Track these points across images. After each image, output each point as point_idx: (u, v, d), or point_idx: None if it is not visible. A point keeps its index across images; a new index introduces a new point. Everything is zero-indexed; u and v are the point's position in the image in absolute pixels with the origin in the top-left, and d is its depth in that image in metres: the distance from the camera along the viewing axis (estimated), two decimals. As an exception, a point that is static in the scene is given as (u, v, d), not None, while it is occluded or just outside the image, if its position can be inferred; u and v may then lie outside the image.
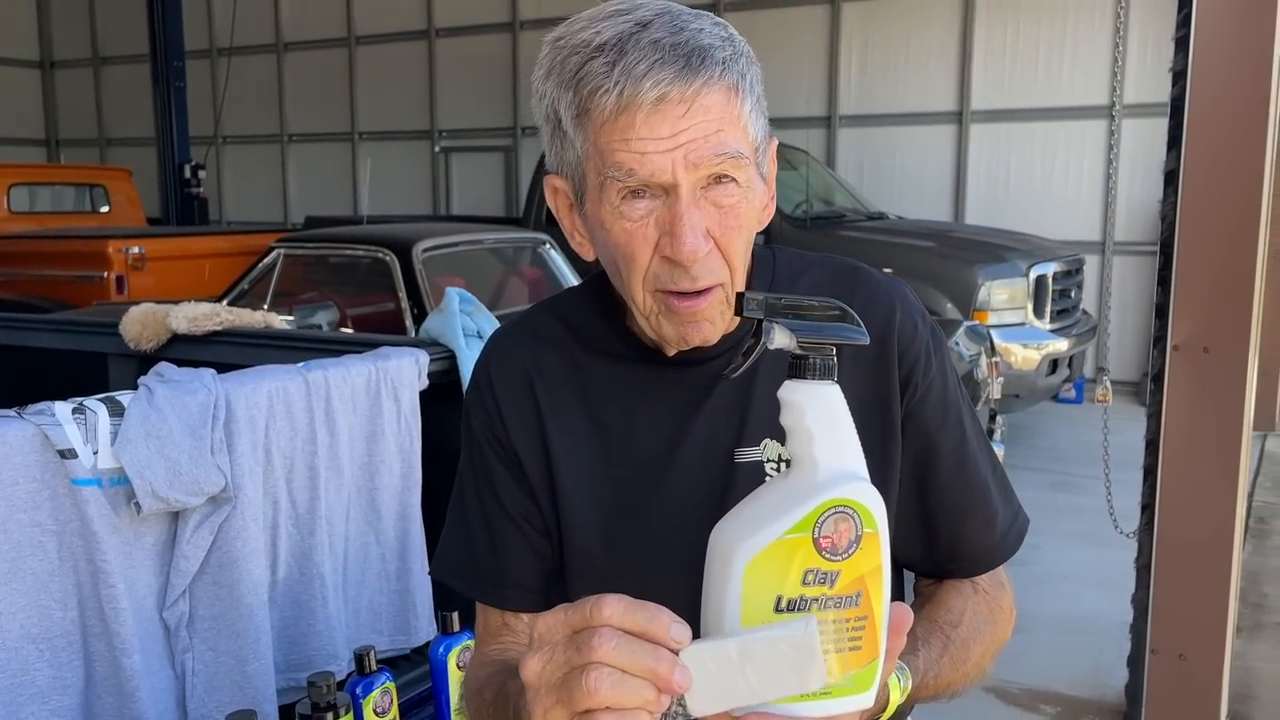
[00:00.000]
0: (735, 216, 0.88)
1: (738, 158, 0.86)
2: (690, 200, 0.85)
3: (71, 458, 1.31)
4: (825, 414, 0.74)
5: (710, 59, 0.84)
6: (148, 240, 7.56)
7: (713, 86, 0.84)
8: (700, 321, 0.91)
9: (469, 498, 1.05)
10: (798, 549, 0.69)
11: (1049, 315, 6.28)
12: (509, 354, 1.04)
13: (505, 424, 1.01)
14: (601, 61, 0.83)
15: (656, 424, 0.97)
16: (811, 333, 0.75)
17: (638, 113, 0.83)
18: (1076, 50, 8.46)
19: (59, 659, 1.33)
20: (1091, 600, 4.01)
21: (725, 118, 0.85)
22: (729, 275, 0.90)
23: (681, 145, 0.84)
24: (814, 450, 0.73)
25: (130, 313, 2.45)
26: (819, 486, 0.71)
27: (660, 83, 0.82)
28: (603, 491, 0.98)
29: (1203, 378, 2.76)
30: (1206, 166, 2.70)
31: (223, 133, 12.24)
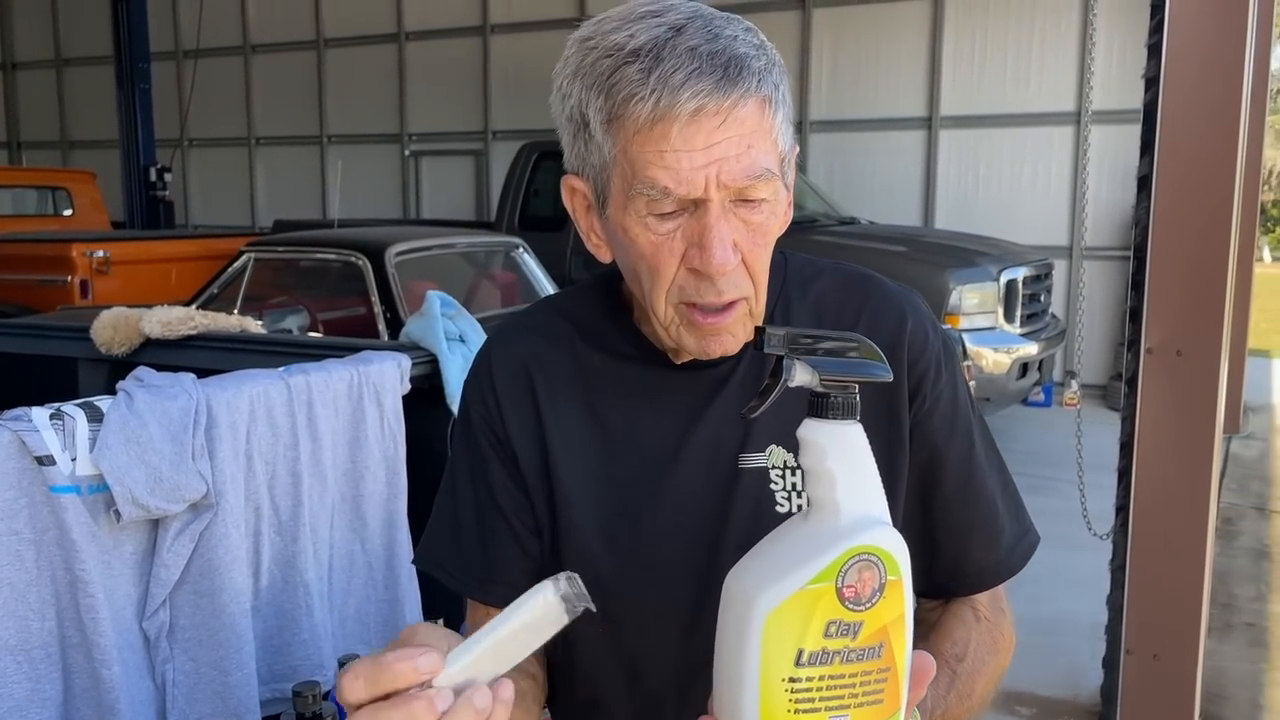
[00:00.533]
0: (763, 234, 0.87)
1: (767, 176, 0.84)
2: (720, 213, 0.84)
3: (49, 464, 1.28)
4: (848, 455, 0.70)
5: (747, 70, 0.82)
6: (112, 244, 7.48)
7: (749, 99, 0.82)
8: (723, 335, 0.90)
9: (460, 489, 1.03)
10: (820, 599, 0.67)
11: (1019, 319, 6.34)
12: (511, 348, 1.03)
13: (503, 418, 1.00)
14: (637, 68, 0.81)
15: (660, 426, 0.96)
16: (835, 370, 0.72)
17: (674, 124, 0.81)
18: (1044, 57, 8.56)
19: (37, 671, 1.30)
20: (1064, 601, 4.04)
21: (758, 131, 0.84)
22: (753, 290, 0.89)
23: (715, 160, 0.82)
24: (836, 494, 0.70)
25: (102, 317, 2.41)
26: (842, 533, 0.68)
27: (699, 94, 0.80)
28: (603, 493, 0.97)
29: (1176, 381, 2.79)
30: (1179, 172, 2.73)
31: (189, 135, 12.10)
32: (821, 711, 0.68)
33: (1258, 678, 3.65)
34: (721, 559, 0.93)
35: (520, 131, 10.23)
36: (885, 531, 0.69)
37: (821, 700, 0.67)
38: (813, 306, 0.99)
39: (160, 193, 10.23)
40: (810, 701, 0.67)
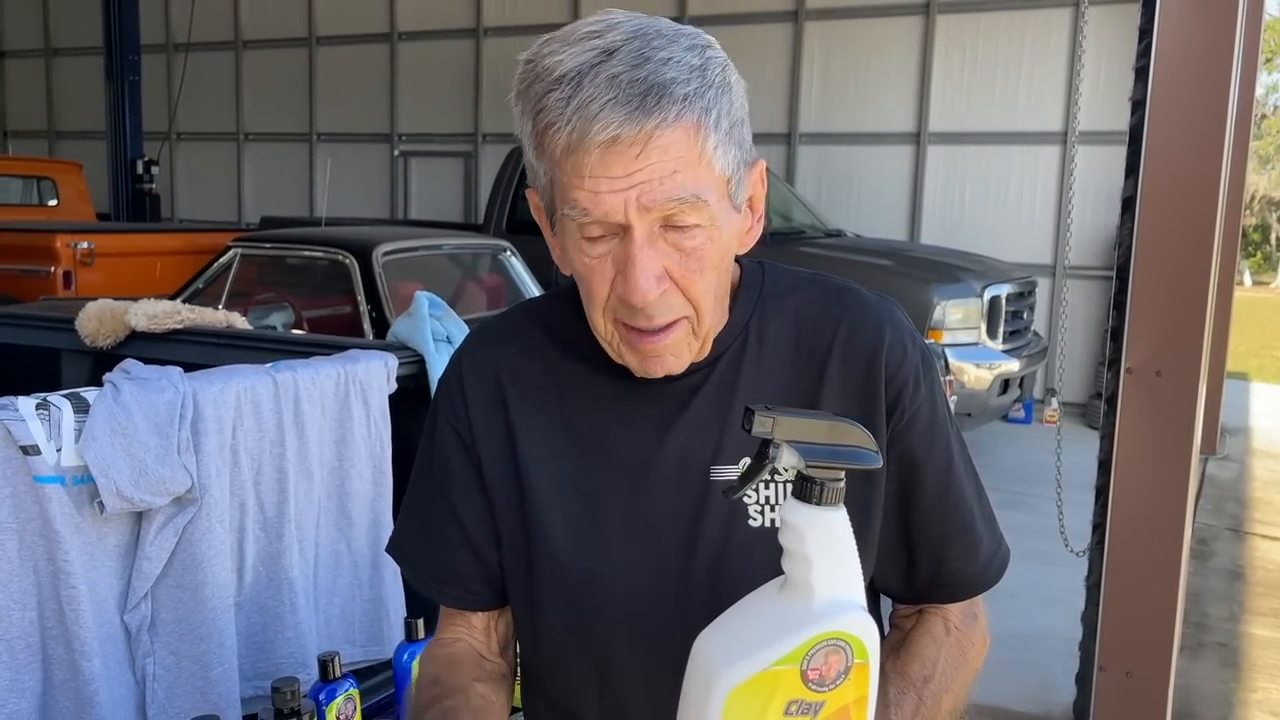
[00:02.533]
0: (697, 259, 0.86)
1: (694, 201, 0.83)
2: (645, 241, 0.84)
3: (34, 454, 1.28)
4: (827, 541, 0.71)
5: (668, 97, 0.80)
6: (97, 235, 7.44)
7: (668, 127, 0.81)
8: (663, 355, 0.90)
9: (423, 488, 1.04)
10: (783, 680, 0.68)
11: (1001, 336, 6.39)
12: (483, 354, 1.03)
13: (471, 425, 1.00)
14: (558, 96, 0.81)
15: (631, 436, 0.95)
16: (823, 458, 0.71)
17: (590, 152, 0.81)
18: (1033, 76, 8.64)
19: (16, 661, 1.30)
20: (1038, 617, 4.07)
21: (684, 158, 0.82)
22: (693, 310, 0.88)
23: (635, 186, 0.82)
24: (811, 577, 0.71)
25: (87, 308, 2.39)
26: (813, 617, 0.70)
27: (610, 125, 0.80)
28: (574, 503, 0.97)
29: (1155, 401, 2.82)
30: (1163, 194, 2.76)
31: (177, 129, 12.05)
32: None
33: (1229, 698, 3.68)
34: (693, 570, 0.93)
35: (510, 135, 10.16)
36: (857, 617, 0.70)
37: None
38: (791, 319, 0.98)
39: (147, 186, 10.18)
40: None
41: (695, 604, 0.80)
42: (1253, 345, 14.46)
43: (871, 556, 0.98)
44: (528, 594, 1.01)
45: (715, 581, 0.92)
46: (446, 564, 1.02)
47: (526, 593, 1.01)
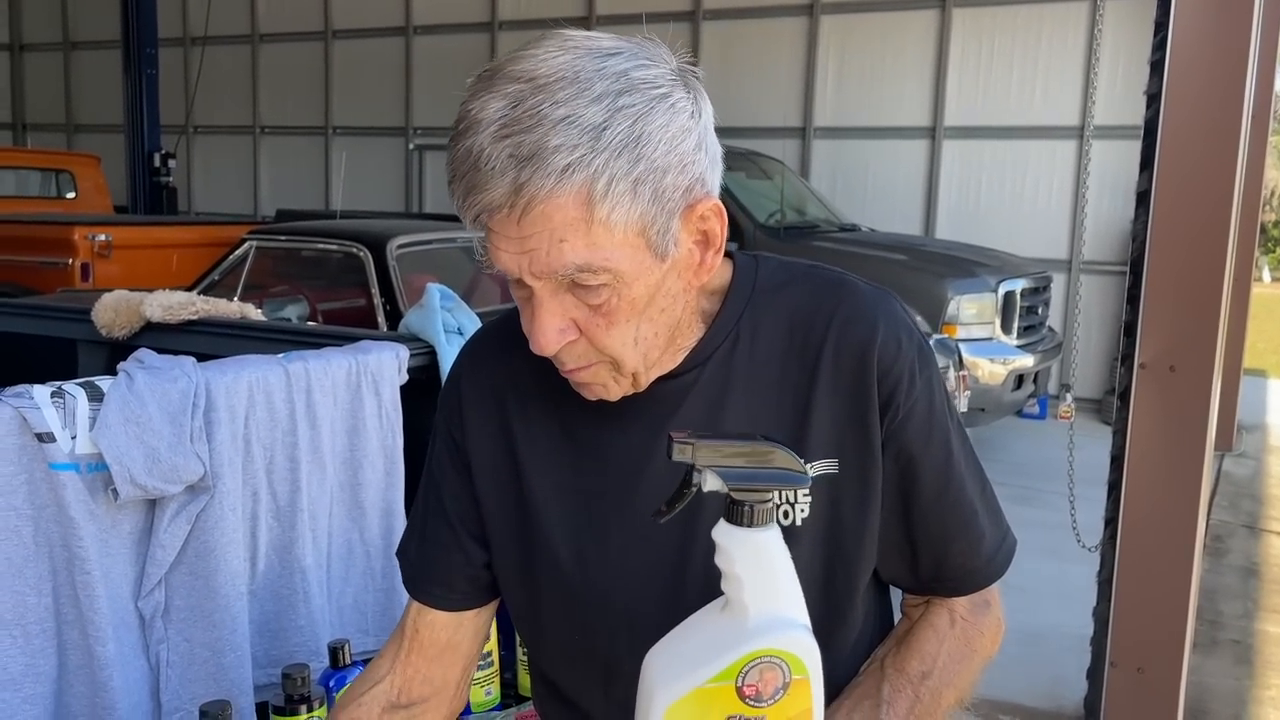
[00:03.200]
0: (604, 315, 0.85)
1: (585, 269, 0.82)
2: (547, 297, 0.84)
3: (49, 441, 1.29)
4: (757, 561, 0.72)
5: (544, 169, 0.78)
6: (115, 228, 7.49)
7: (546, 199, 0.79)
8: (592, 385, 0.91)
9: (423, 489, 1.07)
10: (719, 697, 0.70)
11: (1016, 331, 6.37)
12: (484, 357, 1.04)
13: (464, 427, 1.02)
14: (459, 149, 0.81)
15: (626, 438, 0.96)
16: (745, 481, 0.72)
17: (479, 211, 0.81)
18: (1049, 71, 8.59)
19: (32, 646, 1.31)
20: (1051, 613, 4.06)
21: (570, 226, 0.80)
22: (607, 357, 0.88)
23: (526, 252, 0.81)
24: (744, 596, 0.72)
25: (103, 299, 2.41)
26: (747, 635, 0.71)
27: (487, 191, 0.79)
28: (573, 504, 0.97)
29: (1168, 396, 2.81)
30: (1177, 188, 2.75)
31: (194, 122, 12.11)
32: None
33: (1242, 695, 3.67)
34: (689, 570, 0.94)
35: (525, 129, 10.22)
36: (792, 634, 0.72)
37: None
38: (784, 315, 0.97)
39: (164, 179, 10.24)
40: None
41: (691, 603, 0.80)
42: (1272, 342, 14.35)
43: (872, 553, 0.98)
44: (529, 598, 1.02)
45: (710, 580, 0.93)
46: (436, 563, 1.04)
47: (527, 597, 1.02)
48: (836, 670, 0.97)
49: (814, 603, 0.95)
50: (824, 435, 0.94)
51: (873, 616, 1.05)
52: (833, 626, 0.97)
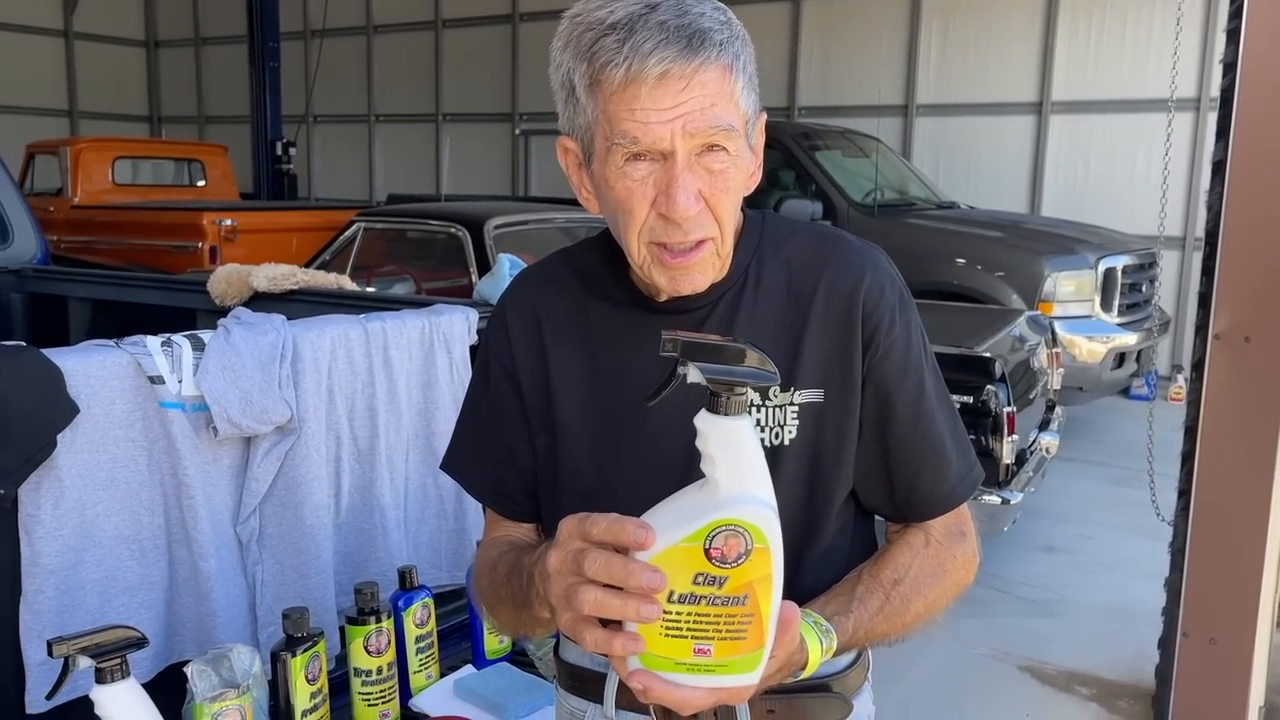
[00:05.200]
0: (724, 180, 0.99)
1: (729, 130, 0.97)
2: (685, 165, 0.97)
3: (160, 383, 1.50)
4: (729, 444, 0.84)
5: (709, 40, 0.95)
6: (239, 214, 7.91)
7: (710, 65, 0.95)
8: (691, 272, 1.03)
9: (476, 411, 1.20)
10: (690, 556, 0.83)
11: (1117, 309, 6.23)
12: (524, 294, 1.19)
13: (513, 356, 1.16)
14: (613, 39, 0.95)
15: (643, 363, 1.08)
16: (720, 374, 0.85)
17: (643, 85, 0.95)
18: (1164, 41, 8.30)
19: (146, 558, 1.53)
20: (1138, 590, 4.03)
21: (720, 93, 0.96)
22: (718, 231, 1.02)
23: (680, 116, 0.95)
24: (716, 474, 0.85)
25: (216, 272, 2.68)
26: (715, 506, 0.84)
27: (664, 60, 0.93)
28: (594, 422, 1.11)
29: (1243, 366, 2.79)
30: (1254, 158, 2.73)
31: (313, 112, 12.64)
32: (687, 638, 0.85)
33: (1331, 672, 3.60)
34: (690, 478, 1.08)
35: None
36: (756, 509, 0.84)
37: (688, 630, 0.84)
38: (784, 264, 1.11)
39: (285, 166, 10.71)
40: (678, 629, 0.84)
41: None
42: None
43: (849, 475, 1.10)
44: (555, 504, 1.17)
45: None
46: (497, 477, 1.19)
47: (554, 503, 1.17)
48: (809, 575, 1.10)
49: (795, 514, 1.08)
50: (812, 368, 1.08)
51: (853, 536, 1.16)
52: (810, 535, 1.10)
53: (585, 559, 0.85)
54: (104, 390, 1.45)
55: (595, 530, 0.86)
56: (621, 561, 0.84)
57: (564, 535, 0.89)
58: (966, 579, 1.15)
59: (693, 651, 0.85)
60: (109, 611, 1.47)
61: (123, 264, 7.49)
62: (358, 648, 1.58)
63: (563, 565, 0.88)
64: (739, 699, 0.91)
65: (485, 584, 1.16)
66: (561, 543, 0.89)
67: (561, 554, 0.88)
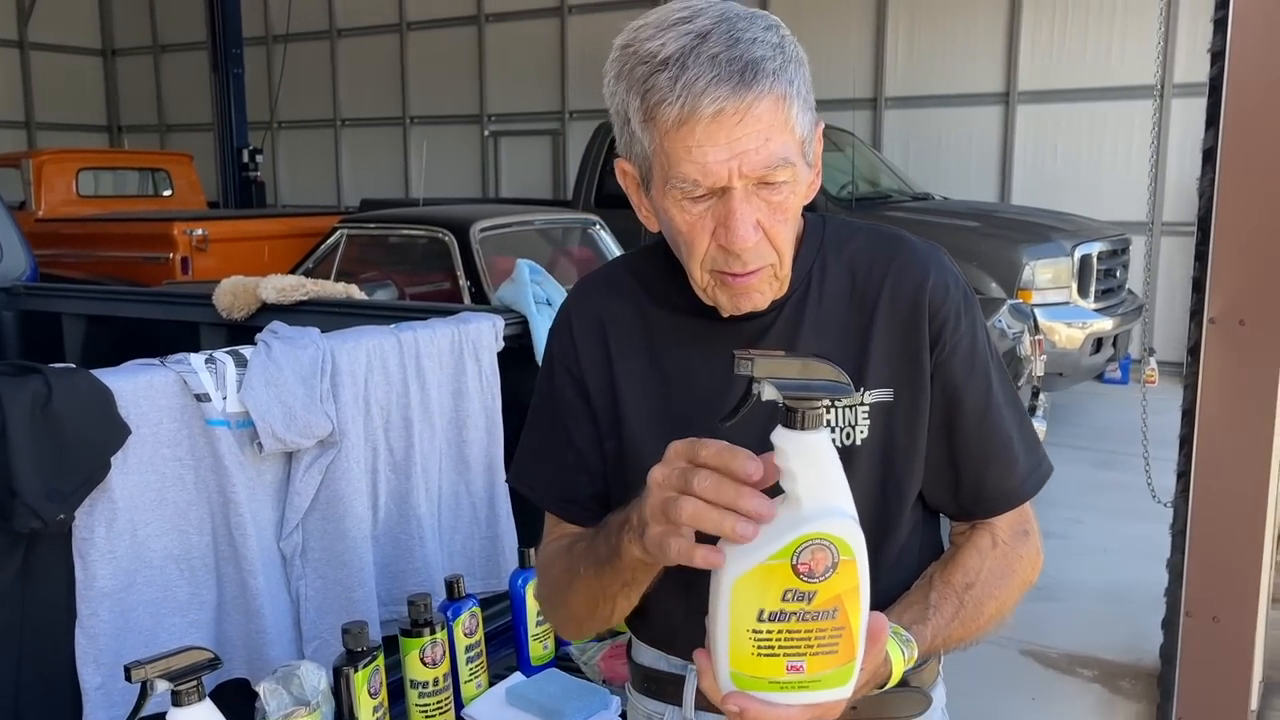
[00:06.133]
0: (783, 211, 1.00)
1: (784, 164, 0.96)
2: (743, 198, 0.98)
3: (206, 401, 1.49)
4: (808, 458, 0.85)
5: (761, 73, 0.93)
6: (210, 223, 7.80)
7: (763, 99, 0.93)
8: (751, 293, 1.04)
9: (543, 418, 1.20)
10: (777, 572, 0.83)
11: (1093, 295, 6.32)
12: (587, 301, 1.19)
13: (580, 361, 1.16)
14: (666, 76, 0.94)
15: (711, 370, 1.09)
16: (796, 389, 0.85)
17: (698, 124, 0.94)
18: (1125, 30, 8.44)
19: (196, 578, 1.52)
20: (1132, 571, 4.10)
21: (774, 125, 0.95)
22: (776, 258, 1.03)
23: (737, 154, 0.94)
24: (797, 489, 0.85)
25: (222, 284, 2.65)
26: (800, 521, 0.84)
27: (717, 99, 0.92)
28: (663, 429, 1.10)
29: (1238, 350, 2.85)
30: (1243, 144, 2.78)
31: (278, 118, 12.52)
32: (780, 656, 0.85)
33: (1326, 647, 3.68)
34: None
35: (596, 111, 10.40)
36: (840, 521, 0.84)
37: (780, 648, 0.85)
38: (846, 266, 1.12)
39: (252, 174, 10.61)
40: (770, 648, 0.85)
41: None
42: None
43: (920, 472, 1.12)
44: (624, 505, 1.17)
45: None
46: (564, 484, 1.19)
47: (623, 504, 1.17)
48: (885, 575, 1.11)
49: (870, 513, 1.09)
50: (881, 368, 1.09)
51: (922, 536, 1.18)
52: (884, 534, 1.12)
53: (695, 476, 0.85)
54: (152, 410, 1.44)
55: (706, 453, 0.86)
56: (733, 484, 0.84)
57: (672, 455, 0.89)
58: (1032, 578, 1.16)
59: (786, 669, 0.85)
60: (160, 633, 1.46)
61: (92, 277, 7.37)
62: (414, 660, 1.57)
63: (668, 480, 0.88)
64: (833, 714, 0.90)
65: (559, 569, 1.15)
66: (669, 460, 0.89)
67: (668, 469, 0.88)
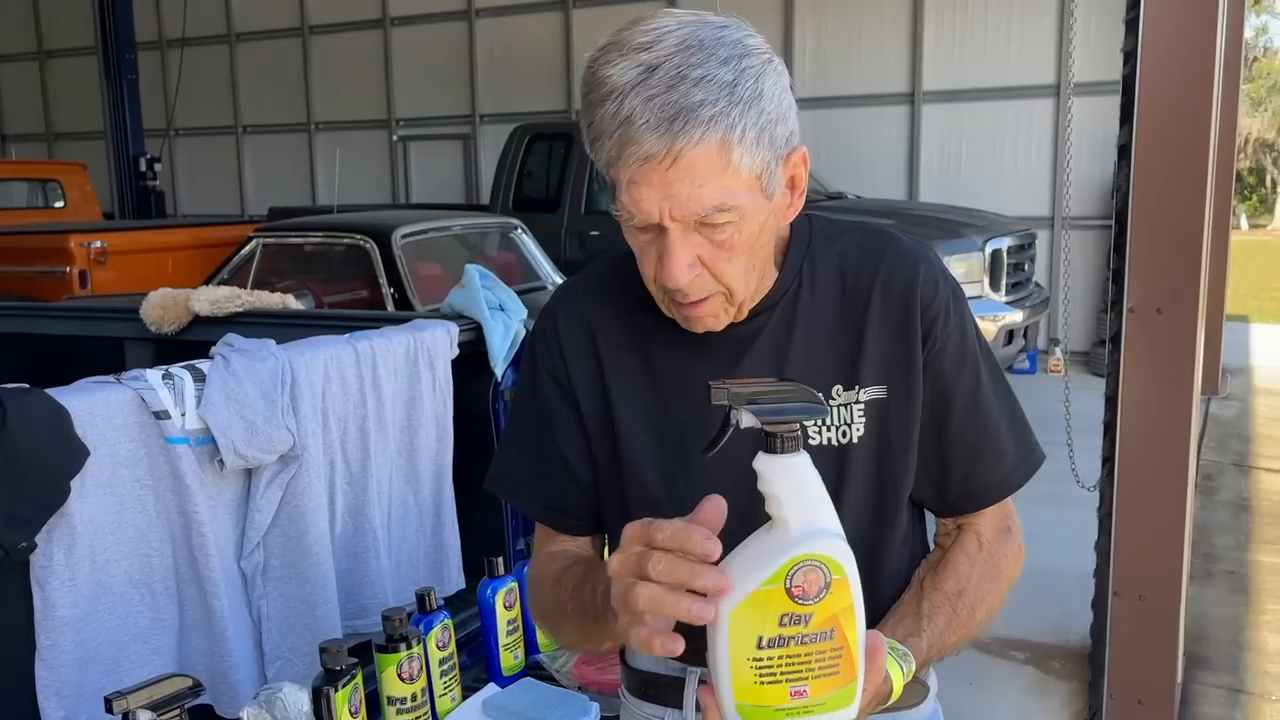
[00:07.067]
0: (726, 250, 0.97)
1: (720, 209, 0.94)
2: (679, 236, 0.96)
3: (165, 418, 1.43)
4: (791, 482, 0.85)
5: (694, 121, 0.89)
6: (109, 235, 7.53)
7: (695, 147, 0.90)
8: (703, 318, 1.04)
9: (528, 427, 1.18)
10: (772, 598, 0.83)
11: (1004, 288, 6.52)
12: (575, 305, 1.17)
13: (567, 368, 1.14)
14: (605, 111, 0.91)
15: (704, 373, 1.06)
16: (773, 414, 0.85)
17: (631, 164, 0.93)
18: (1023, 31, 8.73)
19: (158, 602, 1.46)
20: (1055, 555, 4.22)
21: (709, 171, 0.92)
22: (722, 288, 1.02)
23: (668, 198, 0.93)
24: (784, 513, 0.85)
25: (150, 297, 2.54)
26: (790, 544, 0.84)
27: (643, 144, 0.90)
28: (658, 434, 1.11)
29: (1157, 337, 2.96)
30: (1157, 140, 2.89)
31: (176, 125, 12.13)
32: (782, 683, 0.84)
33: (1238, 620, 3.85)
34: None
35: (509, 115, 10.33)
36: (828, 541, 0.85)
37: (782, 674, 0.84)
38: (836, 264, 1.12)
39: (150, 183, 10.27)
40: (772, 675, 0.84)
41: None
42: (1251, 287, 14.59)
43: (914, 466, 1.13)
44: (620, 513, 1.16)
45: None
46: (553, 494, 1.18)
47: (619, 511, 1.16)
48: (884, 573, 1.12)
49: (866, 509, 1.10)
50: (874, 365, 1.09)
51: (914, 533, 1.19)
52: (884, 530, 1.13)
53: (649, 560, 0.84)
54: (109, 429, 1.37)
55: (660, 536, 0.85)
56: (688, 564, 0.83)
57: (627, 538, 0.88)
58: (1016, 573, 1.17)
59: (790, 695, 0.85)
60: (123, 661, 1.40)
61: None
62: (390, 676, 1.53)
63: (624, 567, 0.86)
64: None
65: (548, 597, 1.14)
66: (624, 545, 0.88)
67: (624, 556, 0.87)
